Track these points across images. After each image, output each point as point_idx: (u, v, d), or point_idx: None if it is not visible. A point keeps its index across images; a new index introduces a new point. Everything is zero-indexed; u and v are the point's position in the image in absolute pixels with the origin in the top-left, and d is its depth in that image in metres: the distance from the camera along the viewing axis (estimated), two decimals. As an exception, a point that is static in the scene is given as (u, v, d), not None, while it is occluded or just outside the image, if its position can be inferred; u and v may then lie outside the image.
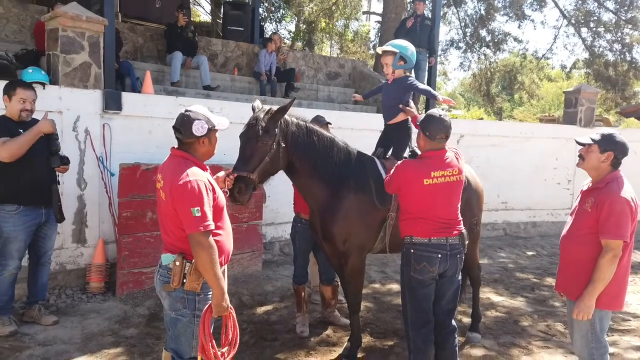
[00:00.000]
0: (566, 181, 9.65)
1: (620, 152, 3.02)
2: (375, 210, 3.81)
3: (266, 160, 3.37)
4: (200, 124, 2.67)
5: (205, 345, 2.62)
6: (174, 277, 2.63)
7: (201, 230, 2.53)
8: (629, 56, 14.03)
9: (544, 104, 30.03)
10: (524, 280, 6.61)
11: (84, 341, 4.16)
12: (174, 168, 2.65)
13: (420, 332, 3.36)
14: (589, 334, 3.08)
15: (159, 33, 8.90)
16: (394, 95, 4.20)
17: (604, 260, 2.91)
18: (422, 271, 3.30)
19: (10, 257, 4.15)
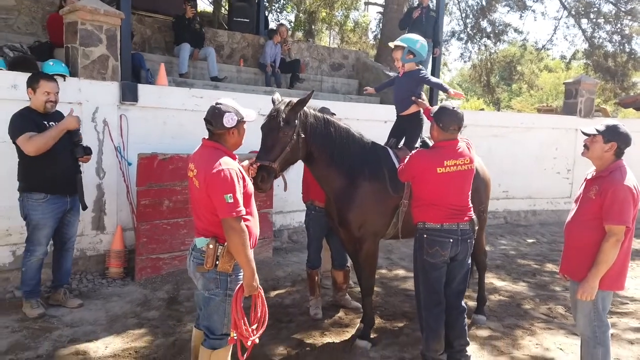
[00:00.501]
0: (566, 170, 9.85)
1: (623, 142, 3.18)
2: (389, 197, 4.00)
3: (287, 150, 3.54)
4: (230, 116, 2.83)
5: (237, 322, 2.80)
6: (208, 259, 2.80)
7: (234, 216, 2.70)
8: (628, 47, 14.19)
9: (541, 94, 30.16)
10: (525, 266, 6.83)
11: (109, 322, 4.36)
12: (207, 158, 2.80)
13: (432, 312, 3.56)
14: (592, 313, 3.27)
15: (166, 25, 8.99)
16: (406, 88, 4.36)
17: (607, 244, 3.09)
18: (435, 255, 3.49)
19: (38, 243, 4.33)
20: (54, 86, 4.34)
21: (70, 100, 5.01)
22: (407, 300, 5.31)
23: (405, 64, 4.36)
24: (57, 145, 4.25)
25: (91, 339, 4.05)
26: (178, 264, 5.53)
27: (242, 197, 2.80)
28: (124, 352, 3.87)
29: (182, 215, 5.50)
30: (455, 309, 3.66)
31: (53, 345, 3.90)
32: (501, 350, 4.20)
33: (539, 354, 4.16)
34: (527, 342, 4.39)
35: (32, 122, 4.18)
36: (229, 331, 2.89)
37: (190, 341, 3.95)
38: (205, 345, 2.96)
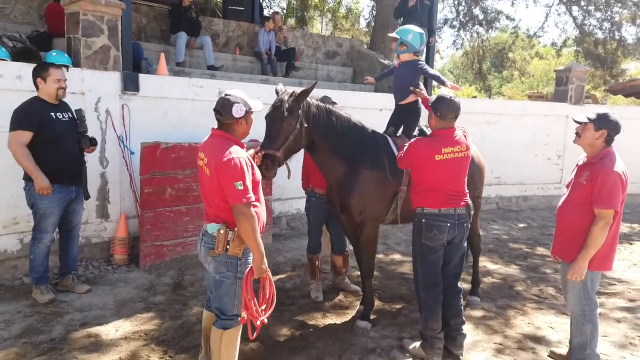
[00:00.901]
0: (556, 157, 10.06)
1: (613, 130, 3.34)
2: (389, 184, 4.15)
3: (290, 139, 3.66)
4: (239, 106, 2.95)
5: (248, 303, 2.96)
6: (219, 244, 2.93)
7: (244, 202, 2.82)
8: (618, 34, 14.37)
9: (532, 81, 30.39)
10: (516, 250, 7.05)
11: (118, 307, 4.50)
12: (217, 147, 2.92)
13: (430, 292, 3.74)
14: (582, 292, 3.47)
15: (162, 13, 9.01)
16: (405, 78, 4.49)
17: (596, 227, 3.27)
18: (433, 238, 3.66)
19: (45, 231, 4.44)
20: (62, 73, 4.44)
21: (73, 90, 5.08)
22: (404, 283, 5.50)
23: (400, 55, 4.50)
24: (63, 136, 4.37)
25: (101, 322, 4.19)
26: (181, 250, 5.67)
27: (251, 185, 2.92)
28: (134, 334, 4.01)
29: (184, 203, 5.63)
30: (452, 289, 3.84)
31: (65, 329, 4.03)
32: (495, 329, 4.40)
33: (530, 332, 4.36)
34: (519, 321, 4.59)
35: (35, 117, 4.24)
36: (239, 312, 3.05)
37: (197, 323, 4.18)
38: (217, 325, 3.11)
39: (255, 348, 3.88)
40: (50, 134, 4.30)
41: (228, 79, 7.89)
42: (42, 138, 4.26)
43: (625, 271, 6.21)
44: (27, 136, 4.20)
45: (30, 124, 4.21)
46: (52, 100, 4.39)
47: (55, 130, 4.33)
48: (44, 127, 4.26)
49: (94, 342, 3.86)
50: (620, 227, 8.01)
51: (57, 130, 4.34)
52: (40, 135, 4.25)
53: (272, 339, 4.05)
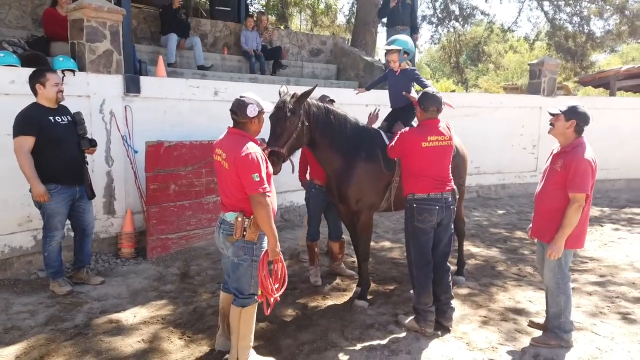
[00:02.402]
0: (531, 146, 10.61)
1: (582, 120, 3.75)
2: (382, 175, 4.56)
3: (293, 137, 4.01)
4: (253, 107, 3.31)
5: (264, 282, 3.33)
6: (236, 230, 3.27)
7: (260, 192, 3.16)
8: (587, 28, 15.03)
9: (507, 73, 31.21)
10: (497, 234, 7.54)
11: (132, 296, 4.82)
12: (235, 143, 3.26)
13: (422, 270, 4.16)
14: (556, 268, 3.90)
15: (151, 15, 9.23)
16: (403, 85, 4.98)
17: (571, 209, 3.68)
18: (424, 221, 4.08)
19: (55, 229, 4.70)
20: (59, 77, 4.67)
21: (79, 93, 5.35)
22: (395, 267, 5.91)
23: (400, 63, 4.95)
24: (65, 139, 4.59)
25: (119, 310, 4.50)
26: (185, 242, 5.99)
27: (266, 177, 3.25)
28: (152, 319, 4.34)
29: (186, 198, 5.94)
30: (441, 268, 4.27)
31: (87, 316, 4.34)
32: (480, 304, 4.84)
33: (511, 306, 4.82)
34: (501, 297, 5.05)
35: (35, 122, 4.44)
36: (255, 290, 3.42)
37: (207, 308, 4.54)
38: (236, 304, 3.45)
39: (265, 327, 4.24)
40: (51, 137, 4.50)
41: (218, 78, 8.17)
42: (43, 142, 4.46)
43: (597, 250, 6.74)
44: (30, 141, 4.41)
45: (31, 130, 4.41)
46: (51, 105, 4.59)
47: (55, 134, 4.53)
48: (44, 131, 4.46)
49: (116, 327, 4.18)
50: (592, 211, 8.63)
51: (57, 133, 4.54)
52: (41, 139, 4.45)
53: (279, 319, 4.41)
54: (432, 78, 34.47)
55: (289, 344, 3.96)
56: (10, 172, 4.82)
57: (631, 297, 5.04)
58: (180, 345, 3.91)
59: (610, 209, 9.42)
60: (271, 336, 4.10)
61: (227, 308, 3.62)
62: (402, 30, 8.99)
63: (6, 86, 4.95)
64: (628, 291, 5.21)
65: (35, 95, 4.58)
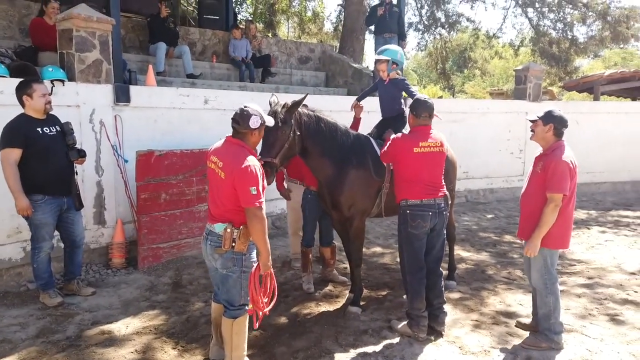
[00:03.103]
0: (518, 151, 10.75)
1: (559, 123, 3.89)
2: (373, 181, 4.60)
3: (285, 147, 4.02)
4: (255, 118, 3.28)
5: (255, 296, 3.29)
6: (225, 242, 3.21)
7: (257, 205, 3.13)
8: (570, 34, 15.30)
9: (492, 79, 31.61)
10: (486, 238, 7.62)
11: (124, 306, 4.79)
12: (234, 153, 3.23)
13: (416, 276, 4.19)
14: (543, 268, 3.99)
15: (139, 24, 9.22)
16: (393, 95, 5.05)
17: (548, 209, 3.79)
18: (418, 227, 4.11)
19: (43, 240, 4.65)
20: (46, 87, 4.65)
21: (68, 103, 5.33)
22: (387, 272, 5.95)
23: (389, 73, 4.98)
24: (53, 149, 4.56)
25: (111, 320, 4.47)
26: (176, 251, 5.97)
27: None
28: (145, 329, 4.32)
29: (177, 207, 5.93)
30: (434, 273, 4.31)
31: (78, 327, 4.31)
32: (471, 308, 4.89)
33: (502, 309, 4.87)
34: (492, 300, 5.10)
35: (21, 134, 4.40)
36: (246, 301, 3.39)
37: (201, 317, 4.53)
38: (227, 315, 3.42)
39: (259, 335, 4.24)
40: (39, 148, 4.46)
41: (208, 87, 8.18)
42: (30, 153, 4.42)
43: (584, 253, 6.84)
44: (16, 153, 4.37)
45: (17, 142, 4.37)
46: (39, 115, 4.55)
47: (43, 145, 4.49)
48: (32, 143, 4.42)
49: (108, 338, 4.15)
50: (579, 214, 8.75)
51: (44, 144, 4.50)
52: (28, 150, 4.41)
53: (273, 327, 4.42)
54: (419, 84, 34.78)
55: (283, 352, 3.96)
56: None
57: (619, 299, 5.13)
58: (174, 355, 3.90)
59: (597, 211, 9.56)
60: (265, 344, 4.10)
61: (219, 318, 3.60)
62: (390, 38, 9.10)
63: (-5, 97, 4.91)
64: (616, 293, 5.30)
65: (22, 107, 4.54)
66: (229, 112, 4.10)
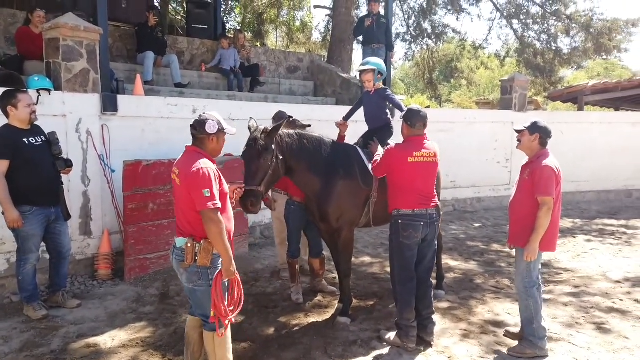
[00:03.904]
0: (504, 160, 10.86)
1: (544, 133, 4.05)
2: (361, 190, 4.61)
3: (269, 174, 3.98)
4: (212, 123, 3.23)
5: (217, 303, 3.18)
6: (187, 256, 3.17)
7: (210, 208, 3.05)
8: (554, 45, 15.58)
9: (479, 89, 32.02)
10: (474, 247, 7.67)
11: (110, 319, 4.72)
12: (189, 159, 3.19)
13: (406, 286, 4.19)
14: (525, 272, 4.09)
15: (127, 33, 9.19)
16: (377, 105, 5.08)
17: (541, 212, 3.90)
18: (409, 237, 4.12)
19: (29, 252, 4.59)
20: (30, 97, 4.61)
21: (55, 113, 5.28)
22: (376, 282, 5.95)
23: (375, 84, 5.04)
24: (39, 160, 4.51)
25: (97, 333, 4.40)
26: (164, 262, 5.91)
27: (219, 195, 3.15)
28: (131, 342, 4.26)
29: (165, 217, 5.88)
30: (424, 283, 4.30)
31: (63, 341, 4.23)
32: (460, 318, 4.90)
33: (491, 319, 4.89)
34: (481, 310, 5.12)
35: (9, 145, 4.36)
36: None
37: (189, 329, 4.46)
38: (207, 329, 3.37)
39: (247, 347, 4.21)
40: (25, 159, 4.42)
41: (196, 96, 8.17)
42: (17, 164, 4.37)
43: (570, 261, 6.91)
44: (4, 165, 4.32)
45: (4, 153, 4.33)
46: (24, 126, 4.51)
47: (30, 155, 4.44)
48: (18, 154, 4.38)
49: (94, 351, 4.09)
50: (565, 223, 8.82)
51: (31, 155, 4.45)
52: (14, 161, 4.36)
53: (262, 338, 4.38)
54: (407, 94, 35.06)
55: (272, 364, 3.93)
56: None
57: (605, 307, 5.18)
58: (161, 368, 3.85)
59: (582, 220, 9.67)
60: (253, 356, 4.06)
61: (191, 332, 3.49)
62: (378, 49, 9.17)
63: (-21, 106, 4.83)
64: (602, 301, 5.35)
65: (7, 117, 4.49)
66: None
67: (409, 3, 16.60)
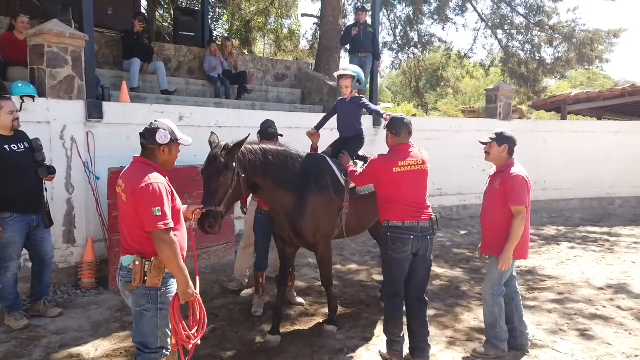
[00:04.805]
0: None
1: (512, 143, 4.16)
2: (333, 202, 4.45)
3: (230, 192, 3.73)
4: (164, 133, 2.94)
5: (177, 328, 2.93)
6: (135, 276, 2.85)
7: (162, 228, 2.77)
8: (538, 55, 15.84)
9: (465, 97, 32.38)
10: (460, 254, 7.72)
11: (94, 328, 4.65)
12: (135, 172, 2.90)
13: (391, 300, 4.06)
14: (496, 280, 4.16)
15: (113, 40, 9.14)
16: (351, 113, 4.90)
17: (516, 221, 3.97)
18: (397, 250, 3.92)
19: (10, 259, 4.52)
20: (14, 104, 4.56)
21: (39, 119, 5.23)
22: (363, 290, 5.95)
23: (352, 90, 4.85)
24: (21, 166, 4.47)
25: (80, 343, 4.34)
26: (149, 271, 5.84)
27: (171, 212, 2.88)
28: (115, 352, 4.21)
29: (150, 225, 5.82)
30: (418, 300, 4.08)
31: (45, 351, 4.16)
32: (446, 325, 4.93)
33: (476, 326, 4.91)
34: (466, 317, 5.15)
35: None
36: (164, 344, 3.01)
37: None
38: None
39: (233, 355, 4.18)
40: (7, 166, 4.37)
41: (183, 103, 8.14)
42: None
43: (554, 269, 6.99)
44: None
45: None
46: (6, 133, 4.47)
47: (11, 162, 4.40)
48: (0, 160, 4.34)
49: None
50: (549, 230, 8.89)
51: (12, 162, 4.41)
52: None
53: (248, 347, 4.36)
54: (394, 101, 35.29)
55: (258, 373, 3.90)
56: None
57: (588, 314, 5.25)
58: (146, 378, 3.79)
59: (566, 227, 9.79)
60: (240, 365, 4.04)
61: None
62: (365, 57, 9.24)
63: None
64: (585, 308, 5.42)
65: None
66: (204, 129, 4.07)
67: (395, 12, 16.78)
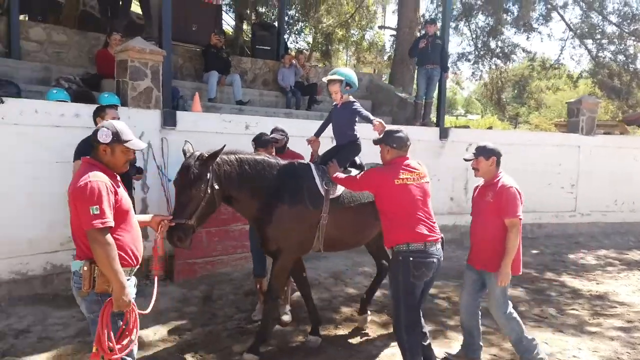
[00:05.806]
0: (570, 185, 10.30)
1: (498, 155, 4.08)
2: (308, 214, 4.15)
3: (202, 205, 3.61)
4: (105, 132, 2.85)
5: (102, 336, 2.71)
6: (84, 282, 2.76)
7: (97, 227, 2.64)
8: (632, 67, 14.71)
9: (560, 109, 30.55)
10: (525, 274, 7.21)
11: (156, 315, 5.08)
12: (78, 172, 2.84)
13: (414, 332, 3.73)
14: (501, 298, 4.07)
15: (196, 54, 9.92)
16: (344, 119, 4.56)
17: (511, 234, 3.90)
18: (421, 276, 3.66)
19: None
20: (116, 112, 5.19)
21: (121, 126, 5.86)
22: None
23: (343, 95, 4.50)
24: None
25: (142, 327, 4.74)
26: (210, 267, 6.31)
27: (114, 212, 2.78)
28: (170, 337, 4.63)
29: (213, 225, 6.28)
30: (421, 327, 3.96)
31: (111, 332, 4.67)
32: (492, 343, 4.83)
33: (525, 346, 4.77)
34: (516, 336, 5.00)
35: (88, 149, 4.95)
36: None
37: (223, 330, 4.79)
38: None
39: (276, 351, 4.43)
40: None
41: (254, 113, 8.64)
42: None
43: (629, 295, 6.51)
44: None
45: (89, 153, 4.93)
46: None
47: None
48: None
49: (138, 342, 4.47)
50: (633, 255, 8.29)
51: None
52: None
53: (289, 344, 4.59)
54: (482, 113, 34.19)
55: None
56: (52, 198, 5.37)
57: (654, 345, 4.88)
58: (191, 364, 4.16)
59: (651, 252, 9.01)
60: None
61: None
62: (432, 69, 9.22)
63: (57, 119, 5.53)
64: (652, 338, 5.04)
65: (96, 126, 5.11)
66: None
67: (477, 22, 16.42)
